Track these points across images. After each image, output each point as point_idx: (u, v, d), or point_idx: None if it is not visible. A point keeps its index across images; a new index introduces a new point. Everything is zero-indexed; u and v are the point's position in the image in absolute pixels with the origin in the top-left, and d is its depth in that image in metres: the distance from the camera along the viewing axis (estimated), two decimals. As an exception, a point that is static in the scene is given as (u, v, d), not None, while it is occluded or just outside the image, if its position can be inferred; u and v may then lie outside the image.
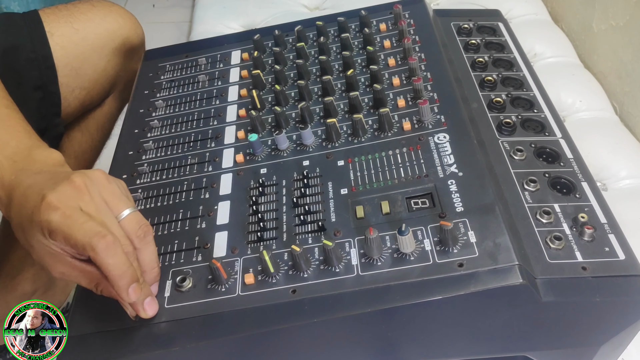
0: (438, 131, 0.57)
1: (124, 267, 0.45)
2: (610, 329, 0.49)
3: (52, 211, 0.45)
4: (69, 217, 0.45)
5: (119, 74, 0.86)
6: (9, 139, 0.53)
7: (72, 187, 0.47)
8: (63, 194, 0.46)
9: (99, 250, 0.44)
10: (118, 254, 0.45)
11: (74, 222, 0.45)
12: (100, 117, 0.90)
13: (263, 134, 0.63)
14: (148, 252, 0.49)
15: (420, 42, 0.69)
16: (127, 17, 0.85)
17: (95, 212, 0.46)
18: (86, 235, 0.44)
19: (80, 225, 0.45)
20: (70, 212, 0.45)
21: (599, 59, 1.03)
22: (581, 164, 0.56)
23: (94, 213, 0.46)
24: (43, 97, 0.78)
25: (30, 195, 0.47)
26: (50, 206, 0.45)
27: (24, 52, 0.76)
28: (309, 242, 0.51)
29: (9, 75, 0.75)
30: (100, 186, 0.48)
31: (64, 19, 0.80)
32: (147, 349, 0.48)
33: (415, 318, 0.47)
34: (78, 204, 0.46)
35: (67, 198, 0.46)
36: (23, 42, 0.76)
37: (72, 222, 0.45)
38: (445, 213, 0.50)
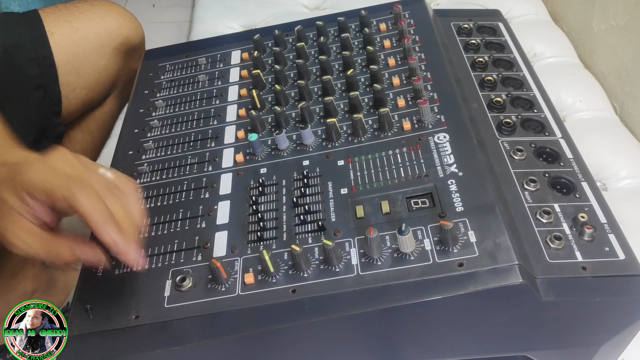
0: (438, 131, 0.57)
1: (101, 207, 0.44)
2: (610, 329, 0.49)
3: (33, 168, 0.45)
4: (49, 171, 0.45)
5: (119, 73, 0.86)
6: None
7: (55, 151, 0.47)
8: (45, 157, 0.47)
9: (78, 195, 0.44)
10: (96, 197, 0.44)
11: (55, 175, 0.45)
12: (101, 116, 0.91)
13: (263, 133, 0.63)
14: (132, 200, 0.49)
15: (420, 42, 0.69)
16: (127, 16, 0.85)
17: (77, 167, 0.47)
18: (65, 183, 0.44)
19: (61, 177, 0.45)
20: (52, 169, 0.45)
21: (599, 59, 1.03)
22: (581, 164, 0.56)
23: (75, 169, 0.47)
24: (43, 96, 0.78)
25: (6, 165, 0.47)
26: (32, 166, 0.45)
27: (25, 51, 0.76)
28: (309, 242, 0.51)
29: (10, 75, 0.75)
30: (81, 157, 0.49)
31: (64, 18, 0.80)
32: (147, 349, 0.48)
33: (415, 318, 0.47)
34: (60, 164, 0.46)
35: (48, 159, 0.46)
36: (23, 41, 0.76)
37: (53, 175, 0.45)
38: (445, 213, 0.50)
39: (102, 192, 0.46)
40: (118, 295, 0.51)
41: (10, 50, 0.75)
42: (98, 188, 0.46)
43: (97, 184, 0.46)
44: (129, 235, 0.46)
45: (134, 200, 0.49)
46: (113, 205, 0.46)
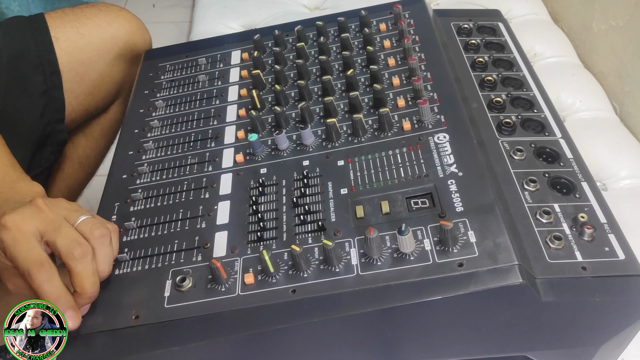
0: (438, 131, 0.57)
1: (58, 292, 0.48)
2: (610, 329, 0.49)
3: (5, 231, 0.48)
4: (18, 241, 0.48)
5: (124, 79, 0.85)
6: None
7: (31, 207, 0.50)
8: (20, 215, 0.49)
9: (34, 276, 0.47)
10: (54, 281, 0.48)
11: (21, 246, 0.48)
12: (105, 123, 0.90)
13: (263, 133, 0.63)
14: (102, 252, 0.51)
15: (420, 42, 0.69)
16: (134, 23, 0.84)
17: (50, 223, 0.49)
18: (26, 261, 0.47)
19: (25, 250, 0.48)
20: (20, 235, 0.48)
21: (599, 59, 1.03)
22: (581, 164, 0.56)
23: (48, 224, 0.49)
24: (47, 103, 0.77)
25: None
26: (5, 226, 0.48)
27: (30, 57, 0.75)
28: (308, 242, 0.51)
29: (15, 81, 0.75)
30: (60, 205, 0.52)
31: (70, 24, 0.79)
32: (147, 349, 0.48)
33: (415, 318, 0.47)
34: (34, 225, 0.49)
35: (22, 220, 0.49)
36: (29, 47, 0.76)
37: (19, 246, 0.48)
38: (445, 213, 0.50)
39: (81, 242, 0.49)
40: (118, 295, 0.51)
41: (16, 57, 0.75)
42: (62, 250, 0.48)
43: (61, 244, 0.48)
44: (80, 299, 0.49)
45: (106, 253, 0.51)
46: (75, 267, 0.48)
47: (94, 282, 0.49)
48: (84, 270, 0.48)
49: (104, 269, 0.51)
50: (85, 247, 0.49)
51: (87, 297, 0.49)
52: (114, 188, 0.61)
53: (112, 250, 0.52)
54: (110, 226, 0.53)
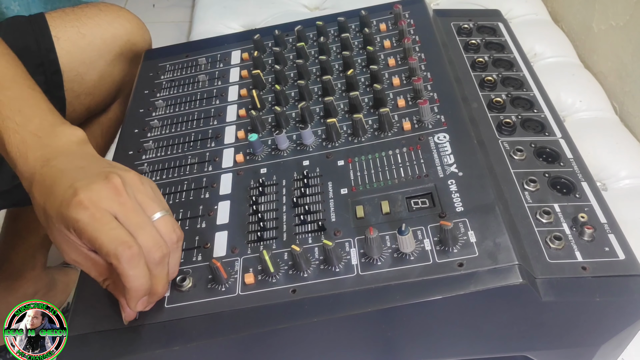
0: (438, 131, 0.57)
1: (143, 279, 0.45)
2: (610, 329, 0.49)
3: (82, 210, 0.44)
4: (98, 220, 0.44)
5: (125, 79, 0.85)
6: (32, 116, 0.52)
7: (107, 187, 0.46)
8: (97, 194, 0.45)
9: (123, 260, 0.43)
10: (140, 266, 0.45)
11: (103, 226, 0.44)
12: (106, 122, 0.90)
13: (263, 133, 0.63)
14: (175, 256, 0.49)
15: (420, 42, 0.69)
16: (135, 22, 0.84)
17: (130, 213, 0.46)
18: (112, 242, 0.44)
19: (108, 231, 0.44)
20: (101, 215, 0.44)
21: (599, 59, 1.03)
22: (581, 164, 0.56)
23: (128, 215, 0.45)
24: None
25: (60, 183, 0.46)
26: (81, 204, 0.44)
27: (30, 57, 0.75)
28: (309, 242, 0.51)
29: None
30: (135, 188, 0.47)
31: (71, 24, 0.79)
32: (147, 349, 0.48)
33: (415, 318, 0.47)
34: (111, 206, 0.45)
35: (100, 198, 0.45)
36: (29, 47, 0.75)
37: (100, 225, 0.44)
38: (445, 213, 0.50)
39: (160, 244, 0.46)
40: (118, 295, 0.51)
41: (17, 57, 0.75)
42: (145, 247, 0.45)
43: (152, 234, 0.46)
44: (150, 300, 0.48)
45: (178, 255, 0.50)
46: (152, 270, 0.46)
47: (165, 284, 0.48)
48: (161, 274, 0.47)
49: (175, 272, 0.50)
50: (165, 251, 0.47)
51: (156, 299, 0.48)
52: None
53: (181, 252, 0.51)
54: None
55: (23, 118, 0.52)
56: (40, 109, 0.54)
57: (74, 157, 0.50)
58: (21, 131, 0.51)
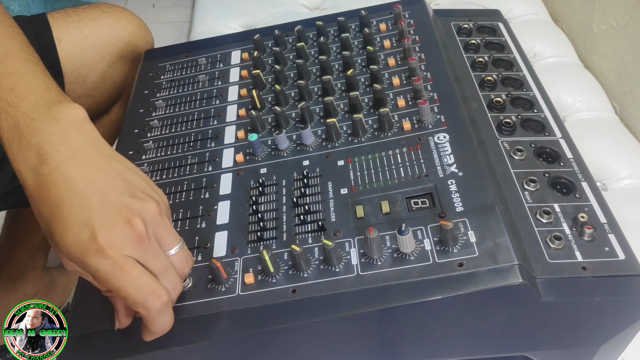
0: (438, 131, 0.57)
1: (169, 324, 0.45)
2: (610, 329, 0.49)
3: (103, 259, 0.41)
4: (121, 268, 0.41)
5: (126, 81, 0.85)
6: (27, 94, 0.47)
7: (130, 234, 0.42)
8: (118, 241, 0.41)
9: (153, 311, 0.42)
10: (169, 311, 0.44)
11: (127, 275, 0.41)
12: (106, 124, 0.90)
13: (263, 133, 0.63)
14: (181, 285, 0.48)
15: (420, 42, 0.69)
16: (137, 24, 0.83)
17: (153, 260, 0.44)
18: (141, 293, 0.42)
19: (134, 280, 0.41)
20: (124, 262, 0.41)
21: (599, 59, 1.03)
22: (581, 163, 0.56)
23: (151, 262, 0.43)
24: None
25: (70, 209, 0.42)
26: (102, 253, 0.41)
27: None
28: (308, 242, 0.51)
29: None
30: (155, 224, 0.45)
31: (73, 25, 0.79)
32: (147, 349, 0.48)
33: (415, 318, 0.47)
34: (133, 253, 0.42)
35: (122, 246, 0.42)
36: None
37: (124, 274, 0.41)
38: (445, 213, 0.50)
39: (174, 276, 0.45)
40: (118, 296, 0.51)
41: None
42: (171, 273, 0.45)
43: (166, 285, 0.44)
44: None
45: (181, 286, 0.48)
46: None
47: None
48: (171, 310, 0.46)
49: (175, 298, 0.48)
50: (180, 290, 0.46)
51: None
52: (114, 188, 0.61)
53: None
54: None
55: (16, 97, 0.47)
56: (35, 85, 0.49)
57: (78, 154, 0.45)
58: (13, 112, 0.46)
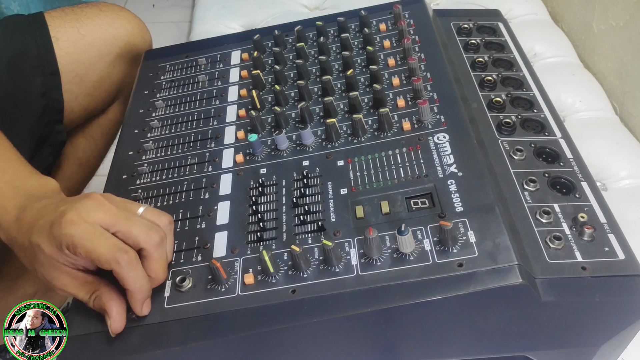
0: (438, 131, 0.57)
1: (143, 280, 0.48)
2: (610, 329, 0.49)
3: (74, 226, 0.46)
4: (91, 232, 0.46)
5: (124, 80, 0.85)
6: (6, 166, 0.55)
7: (92, 201, 0.48)
8: (83, 209, 0.47)
9: (123, 264, 0.46)
10: (139, 268, 0.47)
11: (97, 237, 0.46)
12: (105, 123, 0.89)
13: (263, 134, 0.63)
14: (170, 240, 0.51)
15: (420, 42, 0.69)
16: (135, 23, 0.83)
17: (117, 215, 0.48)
18: (110, 250, 0.46)
19: (104, 241, 0.46)
20: (92, 228, 0.47)
21: (599, 59, 1.03)
22: (581, 163, 0.56)
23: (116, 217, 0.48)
24: (46, 104, 0.76)
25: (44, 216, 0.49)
26: (72, 221, 0.46)
27: (30, 58, 0.75)
28: (308, 242, 0.51)
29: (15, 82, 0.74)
30: (113, 198, 0.51)
31: (70, 24, 0.78)
32: (147, 349, 0.48)
33: (415, 318, 0.47)
34: (99, 217, 0.47)
35: (87, 213, 0.47)
36: (28, 47, 0.75)
37: (94, 237, 0.46)
38: (444, 213, 0.50)
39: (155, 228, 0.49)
40: (118, 296, 0.51)
41: (16, 58, 0.74)
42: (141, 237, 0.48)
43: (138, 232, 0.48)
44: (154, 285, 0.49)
45: (172, 239, 0.52)
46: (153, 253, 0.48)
47: (166, 268, 0.50)
48: (161, 256, 0.49)
49: (170, 256, 0.52)
50: (162, 233, 0.49)
51: (159, 283, 0.50)
52: (114, 188, 0.61)
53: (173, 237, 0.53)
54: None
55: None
56: (12, 159, 0.56)
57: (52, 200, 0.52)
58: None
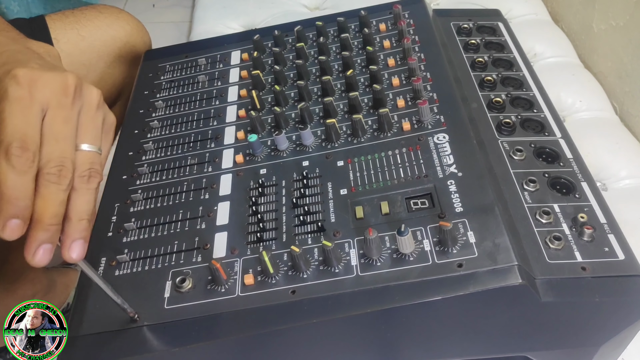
0: (437, 131, 0.57)
1: (22, 190, 0.37)
2: (610, 329, 0.49)
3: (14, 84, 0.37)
4: (22, 104, 0.37)
5: (125, 81, 0.85)
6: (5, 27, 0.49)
7: (58, 80, 0.39)
8: (42, 80, 0.38)
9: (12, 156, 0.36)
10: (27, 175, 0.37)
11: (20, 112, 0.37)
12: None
13: (263, 134, 0.63)
14: (84, 199, 0.41)
15: (419, 42, 0.69)
16: (134, 24, 0.84)
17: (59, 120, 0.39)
18: (15, 133, 0.36)
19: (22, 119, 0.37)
20: (29, 101, 0.37)
21: (599, 59, 1.03)
22: (581, 164, 0.56)
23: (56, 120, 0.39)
24: None
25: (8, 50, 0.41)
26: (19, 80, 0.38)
27: None
28: (308, 243, 0.51)
29: None
30: (87, 105, 0.41)
31: (70, 26, 0.79)
32: (147, 350, 0.48)
33: (415, 318, 0.47)
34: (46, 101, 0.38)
35: (41, 86, 0.38)
36: None
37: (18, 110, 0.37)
38: (444, 213, 0.50)
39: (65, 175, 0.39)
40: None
41: None
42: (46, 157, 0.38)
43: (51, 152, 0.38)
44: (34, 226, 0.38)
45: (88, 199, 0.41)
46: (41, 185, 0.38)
47: (56, 214, 0.38)
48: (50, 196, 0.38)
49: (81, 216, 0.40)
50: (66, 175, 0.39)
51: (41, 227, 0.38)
52: (113, 189, 0.61)
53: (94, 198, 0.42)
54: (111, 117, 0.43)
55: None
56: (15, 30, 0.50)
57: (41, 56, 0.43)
58: None
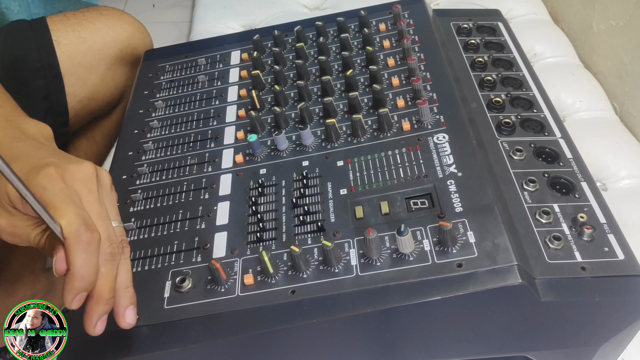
0: (437, 131, 0.57)
1: (91, 269, 0.41)
2: (610, 329, 0.49)
3: (52, 181, 0.41)
4: (67, 195, 0.41)
5: (127, 83, 0.85)
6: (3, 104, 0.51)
7: (82, 170, 0.43)
8: (70, 173, 0.42)
9: (83, 241, 0.40)
10: (94, 256, 0.41)
11: (70, 201, 0.41)
12: (107, 125, 0.90)
13: (262, 134, 0.63)
14: (124, 269, 0.46)
15: (419, 42, 0.68)
16: (136, 26, 0.84)
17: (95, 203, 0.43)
18: (77, 219, 0.40)
19: (75, 208, 0.41)
20: (70, 192, 0.41)
21: (599, 59, 1.03)
22: (581, 163, 0.56)
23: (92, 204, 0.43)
24: (50, 106, 0.77)
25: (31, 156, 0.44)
26: (52, 176, 0.41)
27: (31, 61, 0.75)
28: (308, 243, 0.51)
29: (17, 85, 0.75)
30: (105, 188, 0.46)
31: (72, 28, 0.80)
32: (147, 350, 0.48)
33: (415, 318, 0.47)
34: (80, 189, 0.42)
35: (73, 178, 0.42)
36: (30, 51, 0.76)
37: (68, 200, 0.41)
38: (444, 213, 0.50)
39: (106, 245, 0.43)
40: (118, 296, 0.51)
41: (18, 61, 0.75)
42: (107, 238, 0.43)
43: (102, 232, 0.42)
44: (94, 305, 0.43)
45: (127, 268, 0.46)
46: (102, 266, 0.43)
47: (111, 289, 0.44)
48: (109, 273, 0.43)
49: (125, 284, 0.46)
50: (117, 250, 0.44)
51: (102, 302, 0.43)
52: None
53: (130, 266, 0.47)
54: None
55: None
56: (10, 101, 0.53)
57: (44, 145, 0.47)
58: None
